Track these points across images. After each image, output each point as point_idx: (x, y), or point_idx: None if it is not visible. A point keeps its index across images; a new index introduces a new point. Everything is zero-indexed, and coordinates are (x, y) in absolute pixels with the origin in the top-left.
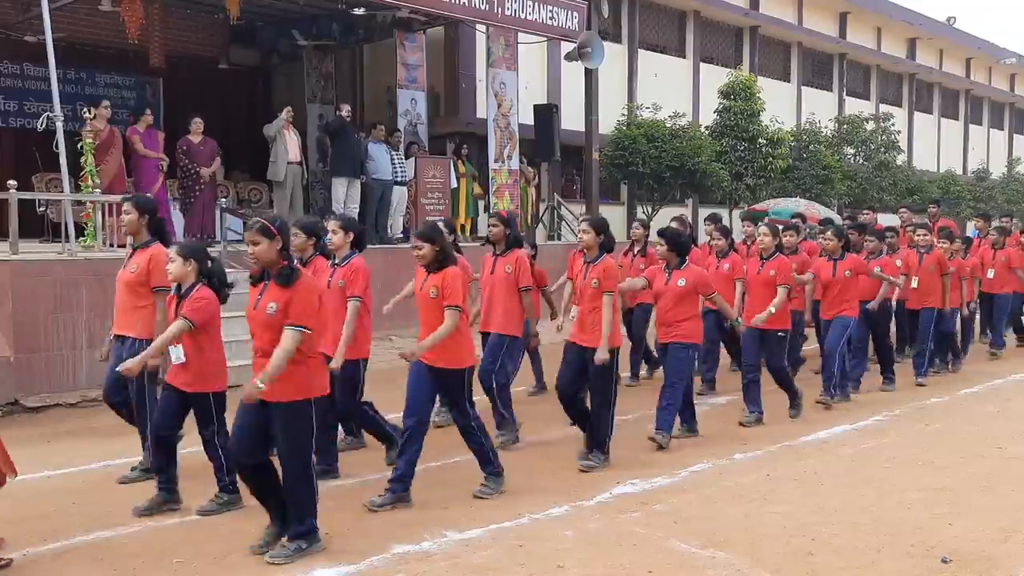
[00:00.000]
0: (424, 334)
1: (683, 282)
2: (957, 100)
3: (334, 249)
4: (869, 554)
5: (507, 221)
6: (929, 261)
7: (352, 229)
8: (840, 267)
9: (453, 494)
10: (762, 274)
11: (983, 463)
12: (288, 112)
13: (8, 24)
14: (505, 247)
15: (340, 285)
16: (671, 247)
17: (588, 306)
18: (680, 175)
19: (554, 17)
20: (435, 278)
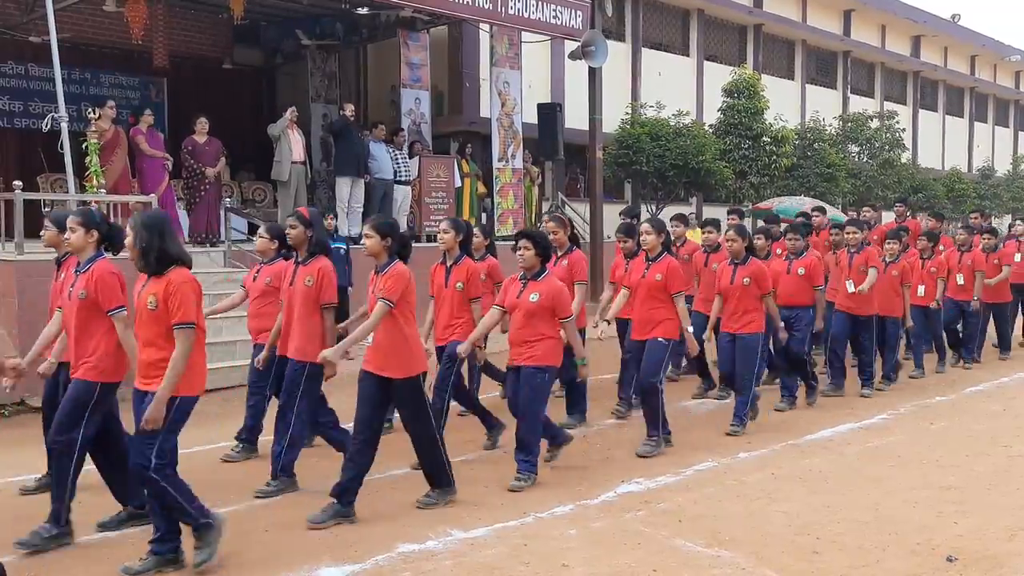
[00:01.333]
0: None
1: (536, 297)
2: (962, 98)
3: None
4: (874, 553)
5: (458, 226)
6: (859, 262)
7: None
8: (740, 273)
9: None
10: (736, 281)
11: (988, 462)
12: (292, 112)
13: (12, 25)
14: (457, 257)
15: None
16: (537, 251)
17: (649, 305)
18: (684, 174)
19: (558, 16)
20: None
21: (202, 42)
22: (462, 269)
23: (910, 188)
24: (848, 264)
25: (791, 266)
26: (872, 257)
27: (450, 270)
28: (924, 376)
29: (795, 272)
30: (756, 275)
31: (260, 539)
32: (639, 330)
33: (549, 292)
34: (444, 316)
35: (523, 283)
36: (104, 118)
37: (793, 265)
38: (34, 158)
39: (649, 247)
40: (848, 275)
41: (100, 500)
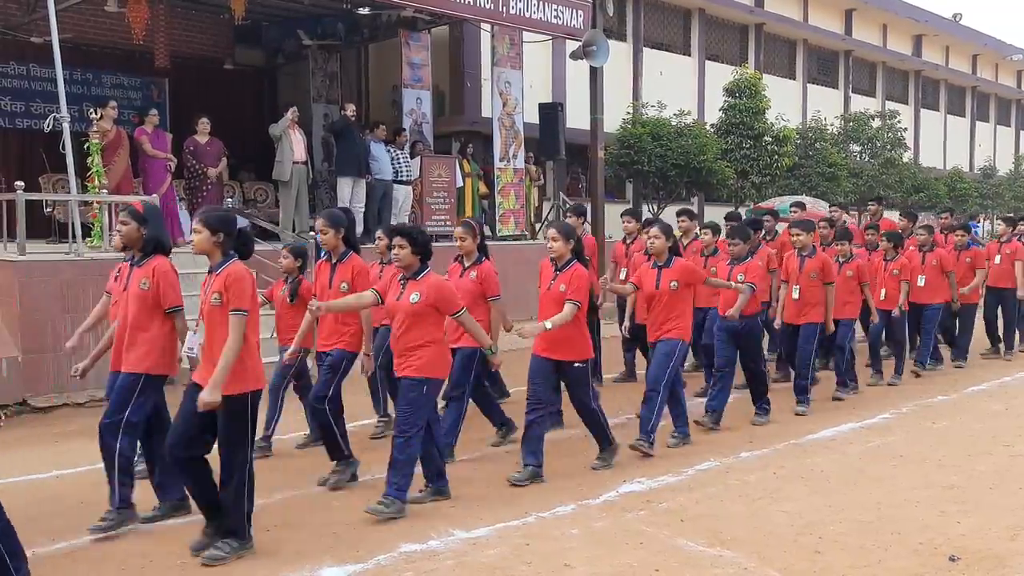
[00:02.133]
0: None
1: (416, 297)
2: (963, 97)
3: None
4: (876, 552)
5: (474, 229)
6: (811, 266)
7: None
8: (665, 276)
9: (459, 493)
10: None
11: (990, 461)
12: (293, 112)
13: (14, 25)
14: (476, 259)
15: None
16: (414, 249)
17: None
18: (685, 173)
19: (559, 16)
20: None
21: (203, 42)
22: (675, 269)
23: (912, 187)
24: (799, 269)
25: (731, 272)
26: (827, 264)
27: (465, 273)
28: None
29: (735, 279)
30: (683, 275)
31: (262, 539)
32: (654, 332)
33: (430, 290)
34: (656, 314)
35: (402, 284)
36: (106, 118)
37: (733, 271)
38: (36, 158)
39: (657, 251)
40: (797, 280)
41: None
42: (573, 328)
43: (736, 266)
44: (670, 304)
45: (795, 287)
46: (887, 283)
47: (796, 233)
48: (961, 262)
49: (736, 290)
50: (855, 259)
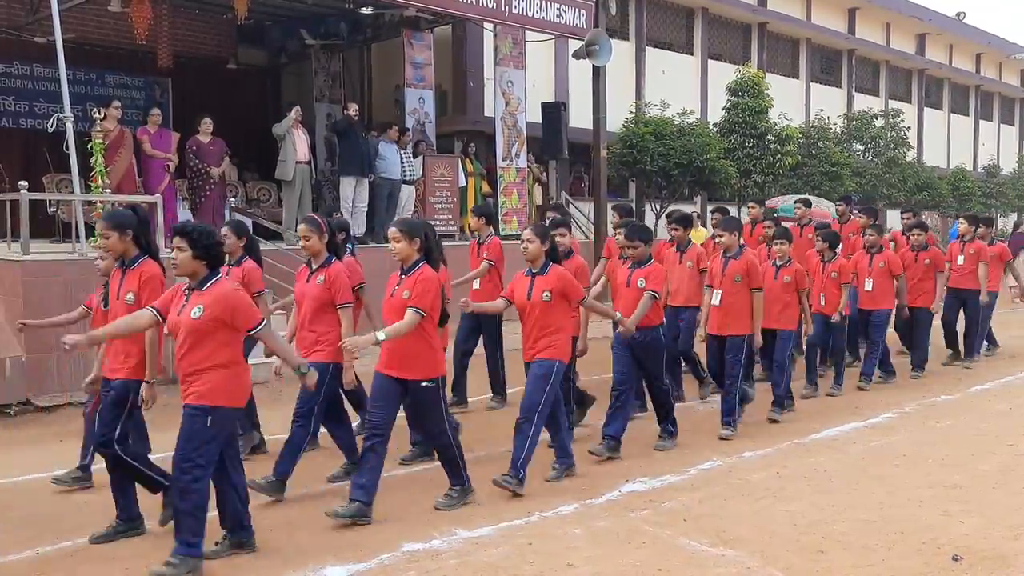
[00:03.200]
0: None
1: (199, 312)
2: (967, 96)
3: None
4: (880, 552)
5: (320, 226)
6: (736, 269)
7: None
8: (538, 286)
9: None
10: None
11: (994, 460)
12: (296, 111)
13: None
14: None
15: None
16: (196, 253)
17: None
18: (688, 172)
19: (561, 15)
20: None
21: (206, 42)
22: (549, 278)
23: (915, 187)
24: (722, 272)
25: (630, 277)
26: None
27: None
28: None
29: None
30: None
31: (264, 539)
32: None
33: (215, 302)
34: (529, 329)
35: (186, 296)
36: (110, 118)
37: (633, 276)
38: (40, 158)
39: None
40: (719, 285)
41: None
42: (418, 341)
43: (636, 270)
44: (544, 318)
45: (717, 293)
46: (826, 287)
47: (719, 233)
48: (919, 264)
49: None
50: (793, 263)
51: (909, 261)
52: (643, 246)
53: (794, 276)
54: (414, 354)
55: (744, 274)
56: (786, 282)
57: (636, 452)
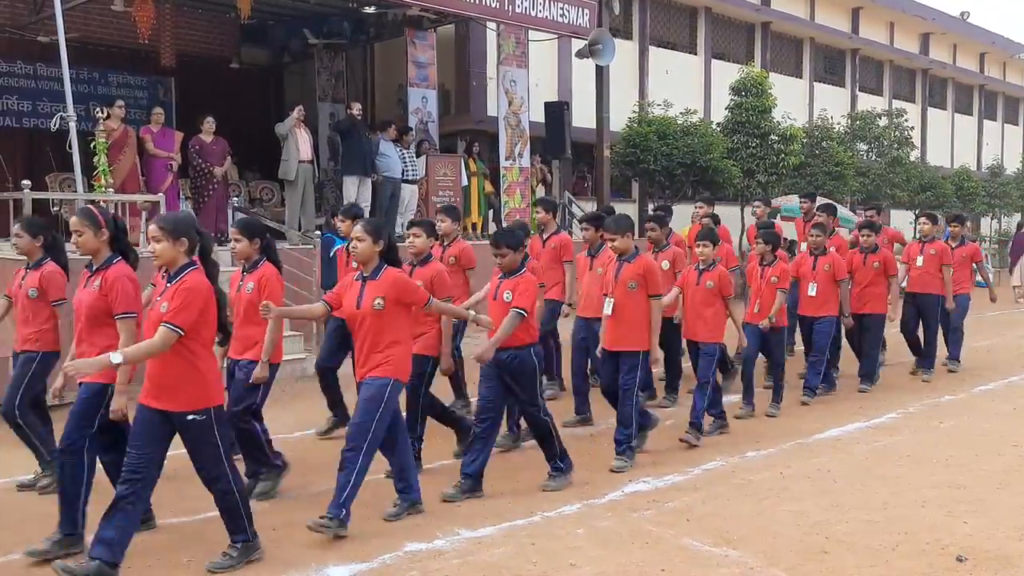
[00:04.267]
0: None
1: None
2: (971, 95)
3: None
4: (884, 552)
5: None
6: (628, 275)
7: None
8: (369, 292)
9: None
10: None
11: (998, 461)
12: (299, 111)
13: (21, 25)
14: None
15: None
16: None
17: None
18: (691, 172)
19: (565, 14)
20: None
21: (209, 41)
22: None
23: (918, 186)
24: (615, 277)
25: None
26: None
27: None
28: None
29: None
30: (393, 291)
31: (267, 538)
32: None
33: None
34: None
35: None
36: (113, 117)
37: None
38: (43, 157)
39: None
40: (612, 291)
41: None
42: (178, 364)
43: (505, 281)
44: (377, 329)
45: (610, 301)
46: (763, 293)
47: (610, 237)
48: (867, 267)
49: None
50: (717, 266)
51: (857, 264)
52: (511, 253)
53: (718, 281)
54: (174, 381)
55: (640, 279)
56: (708, 288)
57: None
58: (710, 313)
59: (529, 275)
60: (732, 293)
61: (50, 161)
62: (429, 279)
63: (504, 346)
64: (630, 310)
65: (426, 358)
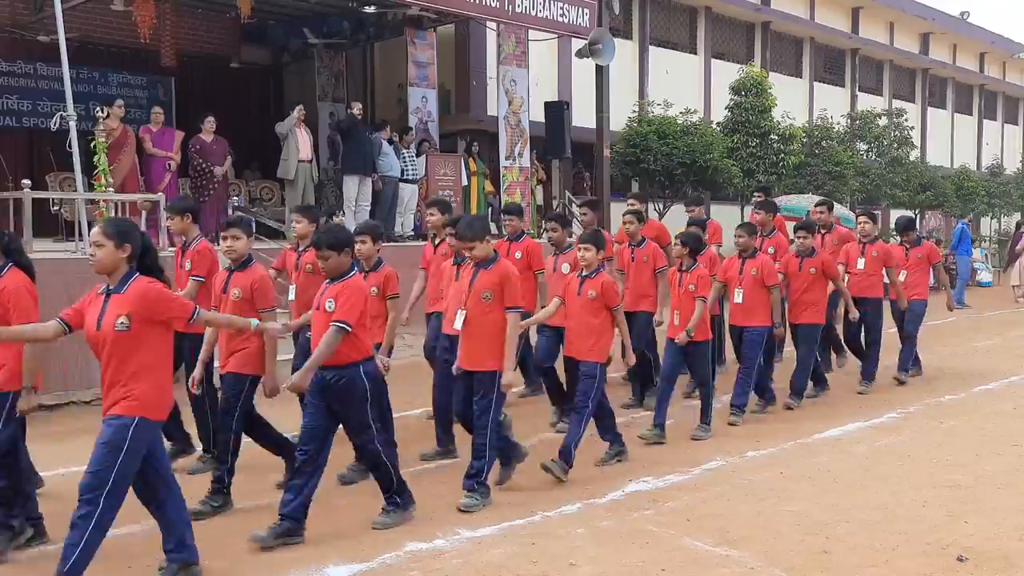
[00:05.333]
0: None
1: None
2: (971, 95)
3: None
4: (884, 552)
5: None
6: (483, 283)
7: None
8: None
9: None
10: None
11: (999, 461)
12: (300, 110)
13: (21, 24)
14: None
15: None
16: None
17: None
18: (691, 172)
19: (565, 14)
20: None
21: (210, 41)
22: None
23: (918, 186)
24: (468, 286)
25: (320, 297)
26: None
27: None
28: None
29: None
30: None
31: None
32: None
33: None
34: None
35: None
36: (113, 117)
37: (324, 296)
38: (43, 157)
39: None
40: (463, 304)
41: None
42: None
43: (328, 288)
44: (120, 355)
45: (461, 313)
46: (682, 302)
47: (468, 245)
48: (804, 272)
49: None
50: (600, 274)
51: (793, 269)
52: (335, 256)
53: (601, 290)
54: None
55: (496, 289)
56: (591, 298)
57: (638, 451)
58: (593, 327)
59: (357, 281)
60: (618, 303)
61: (50, 160)
62: (381, 284)
63: (328, 364)
64: (485, 324)
65: (243, 377)
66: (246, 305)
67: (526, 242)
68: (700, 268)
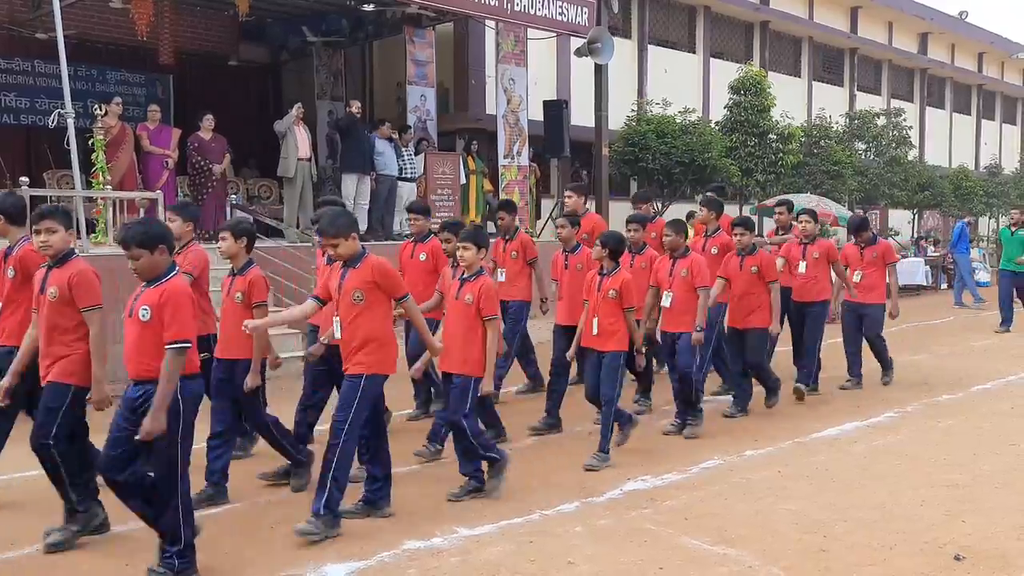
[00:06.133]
0: None
1: None
2: (969, 95)
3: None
4: (882, 551)
5: None
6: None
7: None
8: (142, 302)
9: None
10: None
11: (996, 460)
12: (298, 108)
13: (20, 21)
14: None
15: None
16: None
17: None
18: (690, 171)
19: (564, 13)
20: None
21: (208, 39)
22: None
23: (916, 186)
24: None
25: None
26: None
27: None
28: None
29: None
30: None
31: (265, 536)
32: None
33: None
34: None
35: None
36: (111, 115)
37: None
38: (40, 154)
39: None
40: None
41: None
42: None
43: (145, 292)
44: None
45: (337, 319)
46: (600, 309)
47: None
48: (744, 272)
49: None
50: (480, 278)
51: (733, 269)
52: (147, 255)
53: (477, 295)
54: None
55: (368, 288)
56: (467, 303)
57: (637, 451)
58: (469, 337)
59: (178, 284)
60: (496, 312)
61: (48, 158)
62: None
63: (141, 378)
64: (361, 327)
65: (64, 387)
66: (66, 306)
67: (432, 242)
68: (622, 272)
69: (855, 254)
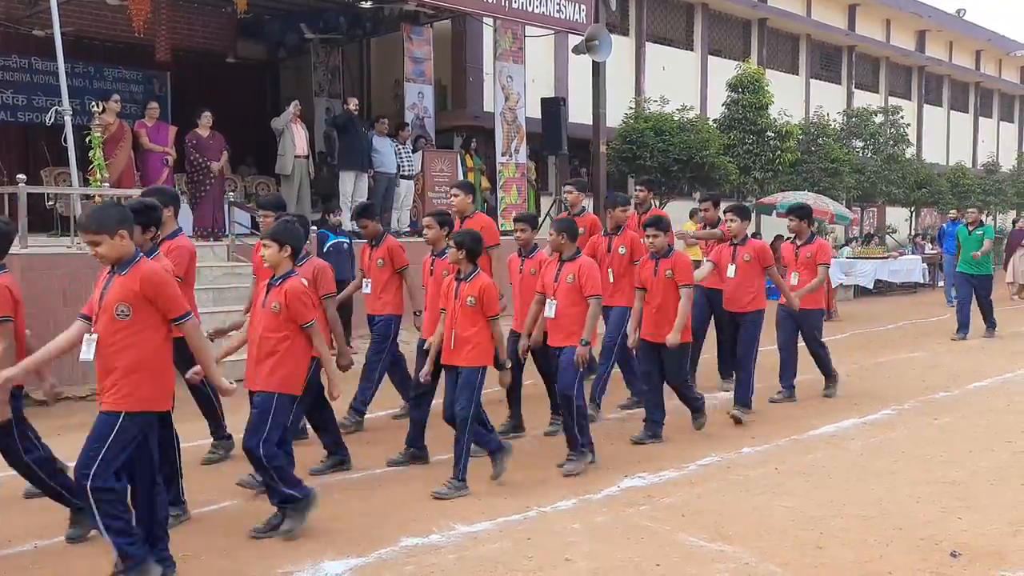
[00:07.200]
0: None
1: None
2: (967, 93)
3: None
4: (878, 548)
5: None
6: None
7: None
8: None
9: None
10: None
11: (992, 457)
12: (296, 106)
13: (16, 19)
14: None
15: None
16: None
17: None
18: (688, 168)
19: (561, 10)
20: None
21: (205, 36)
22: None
23: (914, 183)
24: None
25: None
26: None
27: None
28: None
29: None
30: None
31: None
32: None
33: None
34: None
35: None
36: (109, 112)
37: None
38: (38, 152)
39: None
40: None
41: None
42: None
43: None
44: (117, 345)
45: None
46: (458, 319)
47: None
48: (659, 277)
49: None
50: (478, 275)
51: (647, 275)
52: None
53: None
54: None
55: (135, 301)
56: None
57: (635, 449)
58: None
59: (147, 266)
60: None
61: (45, 156)
62: None
63: None
64: (122, 348)
65: None
66: None
67: (538, 256)
68: (481, 275)
69: (791, 254)
